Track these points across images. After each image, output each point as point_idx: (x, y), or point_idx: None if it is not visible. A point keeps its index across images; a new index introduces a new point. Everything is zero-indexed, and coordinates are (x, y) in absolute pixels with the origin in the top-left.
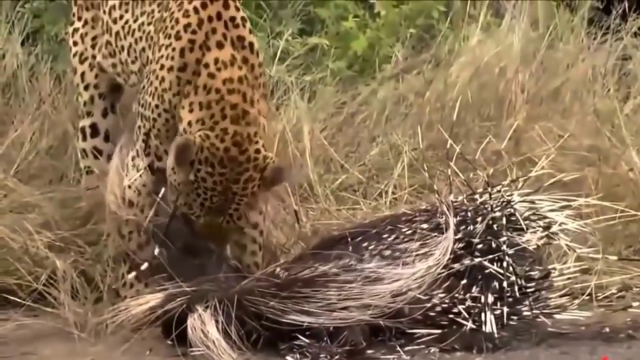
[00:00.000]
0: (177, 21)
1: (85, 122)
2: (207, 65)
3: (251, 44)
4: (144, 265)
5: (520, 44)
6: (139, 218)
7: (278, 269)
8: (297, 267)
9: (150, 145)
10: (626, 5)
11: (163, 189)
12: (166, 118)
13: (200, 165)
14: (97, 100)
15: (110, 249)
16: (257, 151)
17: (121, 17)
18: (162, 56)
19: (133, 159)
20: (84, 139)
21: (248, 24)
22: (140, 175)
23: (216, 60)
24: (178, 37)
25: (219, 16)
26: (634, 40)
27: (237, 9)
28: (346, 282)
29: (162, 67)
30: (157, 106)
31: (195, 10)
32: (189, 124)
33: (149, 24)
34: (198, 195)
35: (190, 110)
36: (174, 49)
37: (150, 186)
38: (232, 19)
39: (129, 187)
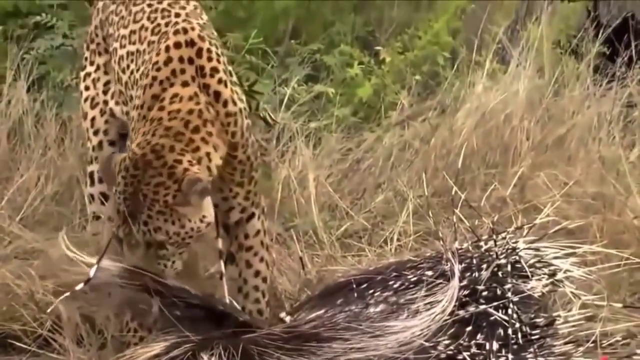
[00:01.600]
0: (150, 61)
1: (94, 168)
2: (162, 100)
3: (217, 93)
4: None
5: (526, 91)
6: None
7: (284, 315)
8: (303, 316)
9: None
10: (633, 52)
11: None
12: None
13: (119, 174)
14: (105, 146)
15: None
16: (178, 161)
17: (128, 67)
18: (137, 96)
19: None
20: (92, 184)
21: (219, 75)
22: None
23: (174, 95)
24: (146, 75)
25: (190, 60)
26: (639, 88)
27: (209, 60)
28: (352, 336)
29: (134, 106)
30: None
31: (167, 49)
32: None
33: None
34: (117, 204)
35: (133, 142)
36: (141, 87)
37: None
38: (201, 67)
39: None
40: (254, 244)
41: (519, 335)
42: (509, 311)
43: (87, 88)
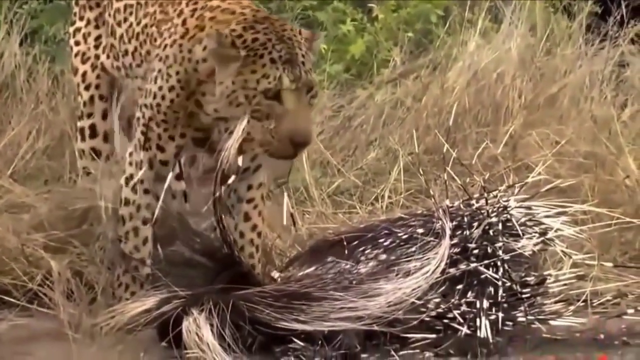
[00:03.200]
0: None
1: (85, 123)
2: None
3: None
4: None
5: (518, 50)
6: (135, 217)
7: (275, 273)
8: (294, 273)
9: (151, 137)
10: (624, 11)
11: (168, 183)
12: (171, 98)
13: (240, 38)
14: (97, 101)
15: (106, 250)
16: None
17: (125, 19)
18: (164, 39)
19: (130, 154)
20: (83, 139)
21: None
22: (138, 172)
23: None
24: (180, 13)
25: None
26: (631, 48)
27: None
28: (342, 296)
29: (164, 47)
30: (160, 88)
31: None
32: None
33: (151, 25)
34: (262, 56)
35: (203, 45)
36: (175, 25)
37: (148, 184)
38: None
39: (126, 184)
40: (255, 195)
41: (509, 293)
42: (500, 269)
43: (77, 43)
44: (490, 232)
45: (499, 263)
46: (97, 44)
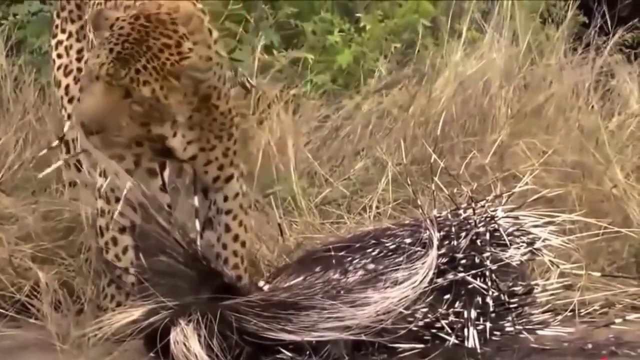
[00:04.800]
0: None
1: (69, 135)
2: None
3: None
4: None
5: (503, 59)
6: (112, 227)
7: (262, 283)
8: (281, 284)
9: None
10: (608, 20)
11: (128, 185)
12: None
13: (123, 22)
14: None
15: (90, 260)
16: (186, 37)
17: None
18: None
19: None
20: (68, 151)
21: None
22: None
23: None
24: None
25: None
26: (617, 57)
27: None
28: (330, 305)
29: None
30: None
31: None
32: None
33: None
34: (109, 42)
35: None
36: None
37: (120, 192)
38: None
39: (99, 195)
40: (233, 206)
41: (497, 303)
42: (487, 279)
43: (59, 56)
44: (478, 242)
45: (486, 273)
46: (79, 57)
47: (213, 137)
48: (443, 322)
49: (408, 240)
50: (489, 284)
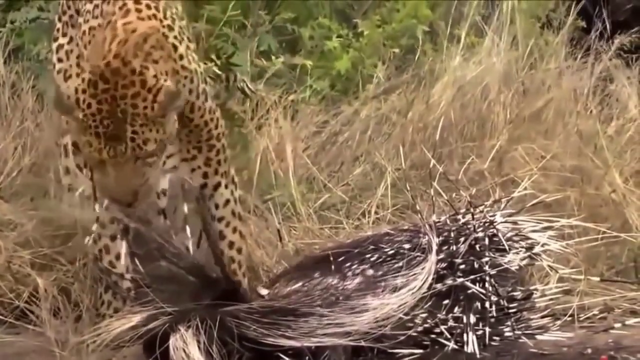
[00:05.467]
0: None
1: (68, 140)
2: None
3: (173, 46)
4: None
5: (502, 64)
6: (103, 235)
7: (261, 289)
8: (280, 289)
9: None
10: (608, 25)
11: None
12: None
13: (83, 94)
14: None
15: (88, 267)
16: (145, 67)
17: (90, 42)
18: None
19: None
20: (66, 156)
21: (174, 33)
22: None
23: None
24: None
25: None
26: (616, 62)
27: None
28: (329, 312)
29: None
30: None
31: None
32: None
33: None
34: (89, 127)
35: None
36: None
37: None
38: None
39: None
40: (224, 214)
41: (497, 308)
42: (486, 284)
43: (59, 60)
44: (477, 247)
45: (485, 278)
46: (78, 62)
47: (192, 147)
48: (442, 327)
49: (407, 246)
50: (488, 289)
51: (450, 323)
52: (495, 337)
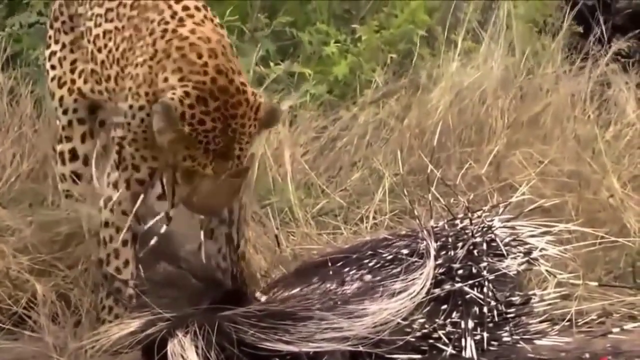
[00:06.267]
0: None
1: (64, 147)
2: (178, 32)
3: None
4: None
5: (500, 70)
6: (115, 239)
7: (259, 294)
8: (278, 294)
9: (125, 156)
10: (603, 30)
11: (139, 202)
12: (141, 118)
13: (192, 110)
14: (76, 125)
15: (90, 272)
16: (244, 84)
17: (105, 45)
18: (136, 57)
19: (108, 175)
20: (63, 163)
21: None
22: (115, 192)
23: (190, 28)
24: (152, 32)
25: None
26: (613, 66)
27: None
28: (329, 315)
29: (135, 65)
30: (130, 106)
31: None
32: (168, 84)
33: (129, 49)
34: (200, 142)
35: (165, 76)
36: (147, 44)
37: (126, 205)
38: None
39: (105, 206)
40: (235, 218)
41: (495, 313)
42: (485, 289)
43: (53, 67)
44: (475, 252)
45: (484, 283)
46: (72, 68)
47: None
48: (440, 332)
49: (405, 251)
50: (486, 294)
51: (449, 328)
52: (493, 342)
